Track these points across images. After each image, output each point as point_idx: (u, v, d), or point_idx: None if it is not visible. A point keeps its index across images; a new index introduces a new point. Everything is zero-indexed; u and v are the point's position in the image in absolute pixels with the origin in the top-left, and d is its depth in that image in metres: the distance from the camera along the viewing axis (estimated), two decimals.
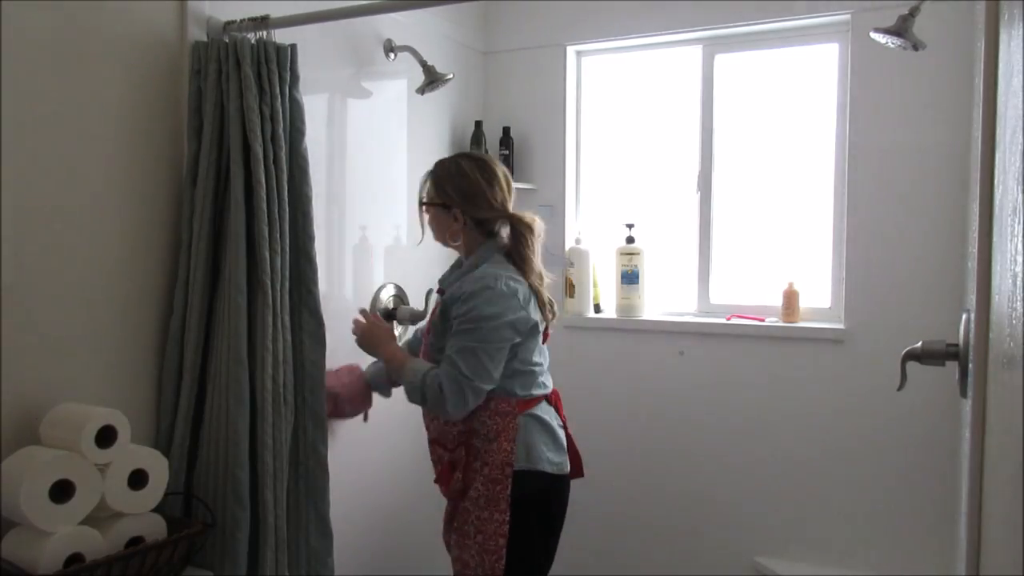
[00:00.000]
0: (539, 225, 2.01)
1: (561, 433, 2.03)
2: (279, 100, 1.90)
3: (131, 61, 1.84)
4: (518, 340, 1.91)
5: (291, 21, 1.96)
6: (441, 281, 2.10)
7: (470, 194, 1.97)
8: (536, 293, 1.98)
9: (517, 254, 1.97)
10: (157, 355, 1.92)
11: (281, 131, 1.90)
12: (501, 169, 2.03)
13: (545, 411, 2.01)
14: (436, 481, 2.04)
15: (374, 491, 2.62)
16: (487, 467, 1.91)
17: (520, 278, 1.95)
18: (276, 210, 1.89)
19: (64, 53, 1.70)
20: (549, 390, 2.05)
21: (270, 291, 1.87)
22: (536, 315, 1.95)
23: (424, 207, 2.06)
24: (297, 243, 1.97)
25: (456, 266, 2.10)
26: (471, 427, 1.95)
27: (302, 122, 1.96)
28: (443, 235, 2.04)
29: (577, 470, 2.09)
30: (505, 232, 2.01)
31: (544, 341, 2.06)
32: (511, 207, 2.01)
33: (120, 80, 1.82)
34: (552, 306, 2.04)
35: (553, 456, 1.98)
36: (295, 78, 1.95)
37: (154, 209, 1.91)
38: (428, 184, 2.05)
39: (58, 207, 1.70)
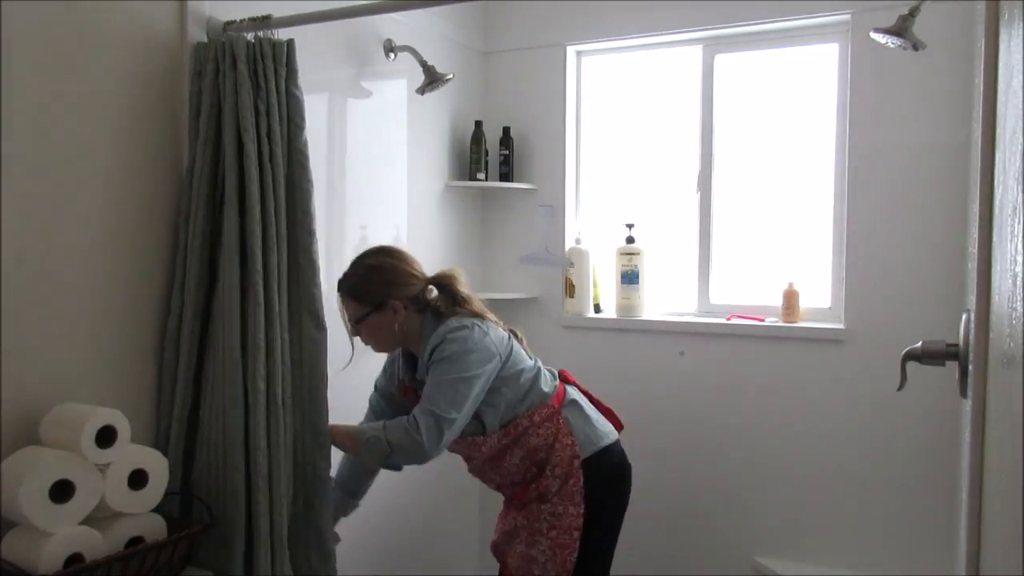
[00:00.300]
0: (457, 272, 2.06)
1: (589, 403, 2.12)
2: (275, 95, 1.87)
3: (131, 62, 1.84)
4: (501, 363, 1.95)
5: (291, 21, 1.95)
6: (407, 376, 2.09)
7: (394, 281, 1.97)
8: (490, 325, 2.01)
9: (457, 304, 1.99)
10: (157, 355, 1.92)
11: (277, 126, 1.87)
12: (393, 247, 2.08)
13: (573, 393, 2.10)
14: (499, 489, 2.12)
15: (384, 506, 2.62)
16: (558, 467, 1.98)
17: (473, 320, 1.97)
18: (271, 207, 1.85)
19: (63, 53, 1.70)
20: (557, 375, 2.13)
21: (262, 290, 1.83)
22: (504, 332, 2.01)
23: (359, 325, 1.99)
24: (297, 241, 1.92)
25: (410, 359, 2.09)
26: (527, 448, 2.00)
27: (301, 117, 1.92)
28: (390, 335, 1.99)
29: (617, 424, 2.16)
30: (432, 297, 2.03)
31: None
32: (424, 271, 2.05)
33: (120, 81, 1.82)
34: (515, 332, 2.09)
35: (603, 427, 2.08)
36: (292, 72, 1.91)
37: (154, 209, 1.91)
38: (347, 302, 2.00)
39: (58, 207, 1.70)
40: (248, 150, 1.84)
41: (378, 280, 1.97)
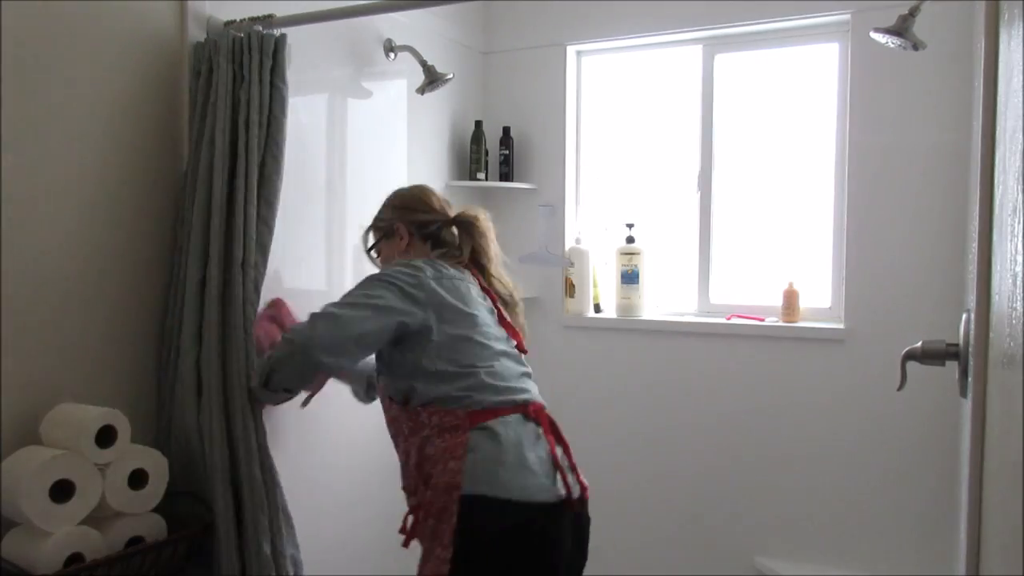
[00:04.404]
0: (484, 218, 1.90)
1: (540, 453, 1.64)
2: (257, 86, 1.84)
3: (131, 61, 1.84)
4: (412, 313, 1.66)
5: (291, 21, 1.96)
6: None
7: (406, 205, 1.92)
8: (486, 290, 1.85)
9: (463, 253, 1.85)
10: (157, 355, 1.92)
11: (256, 117, 1.84)
12: (427, 185, 1.99)
13: (509, 426, 1.64)
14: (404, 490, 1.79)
15: (376, 501, 2.61)
16: (431, 491, 1.61)
17: (448, 266, 1.78)
18: (241, 198, 1.81)
19: (63, 53, 1.70)
20: (519, 401, 1.70)
21: (218, 282, 1.80)
22: (464, 304, 1.72)
23: (372, 250, 1.96)
24: (257, 233, 1.85)
25: None
26: (423, 453, 1.67)
27: (282, 111, 1.88)
28: (389, 255, 1.92)
29: (570, 504, 1.64)
30: (451, 238, 1.92)
31: (520, 348, 1.84)
32: (450, 208, 1.94)
33: (119, 80, 1.82)
34: (514, 306, 1.88)
35: (517, 479, 1.58)
36: (278, 65, 1.88)
37: (154, 209, 1.91)
38: (367, 238, 1.98)
39: (58, 207, 1.70)
40: (217, 141, 1.81)
41: (392, 204, 1.94)
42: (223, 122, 1.85)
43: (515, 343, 1.85)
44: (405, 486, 1.77)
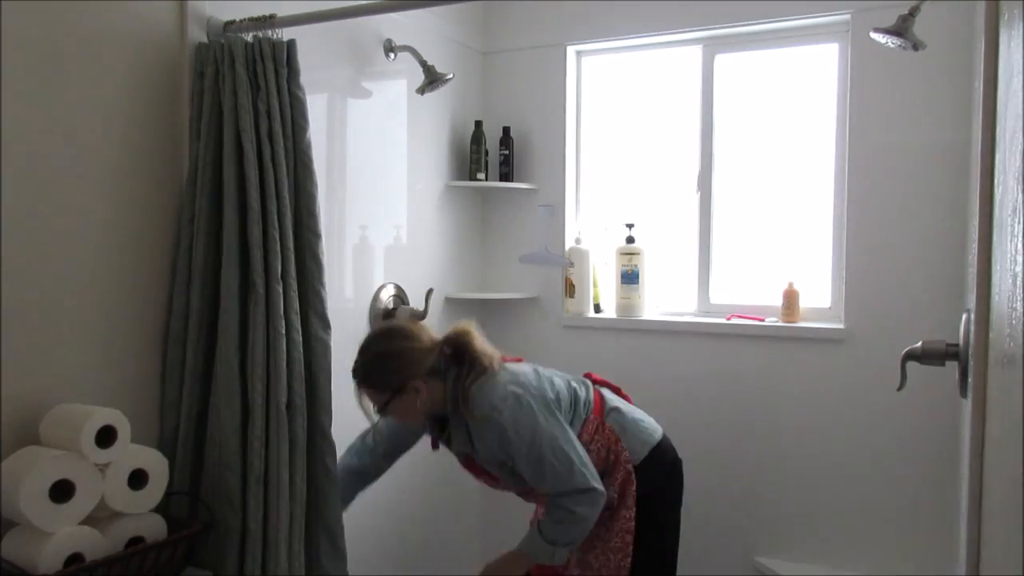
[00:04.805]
0: (469, 328, 1.95)
1: (628, 403, 2.16)
2: (275, 96, 1.87)
3: (131, 61, 1.84)
4: (558, 410, 1.93)
5: (291, 21, 1.96)
6: (459, 446, 1.99)
7: (407, 364, 1.88)
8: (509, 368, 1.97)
9: (469, 365, 1.90)
10: (159, 355, 1.92)
11: (279, 127, 1.87)
12: (401, 319, 2.01)
13: (611, 398, 2.13)
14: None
15: (393, 505, 2.62)
16: (617, 478, 1.99)
17: (500, 384, 1.89)
18: (273, 208, 1.85)
19: (63, 53, 1.70)
20: (589, 388, 2.11)
21: (263, 292, 1.84)
22: (539, 381, 1.95)
23: (385, 409, 1.92)
24: (302, 242, 1.92)
25: (441, 426, 2.02)
26: None
27: (304, 118, 1.92)
28: (418, 412, 1.92)
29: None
30: (449, 355, 1.93)
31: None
32: (434, 335, 1.95)
33: (119, 80, 1.82)
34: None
35: (648, 426, 2.10)
36: (294, 73, 1.91)
37: (155, 210, 1.91)
38: (365, 391, 1.92)
39: (58, 207, 1.70)
40: (246, 151, 1.84)
41: (390, 367, 1.88)
42: (232, 129, 1.86)
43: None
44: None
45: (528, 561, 1.94)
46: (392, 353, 1.90)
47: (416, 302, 2.70)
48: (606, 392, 2.16)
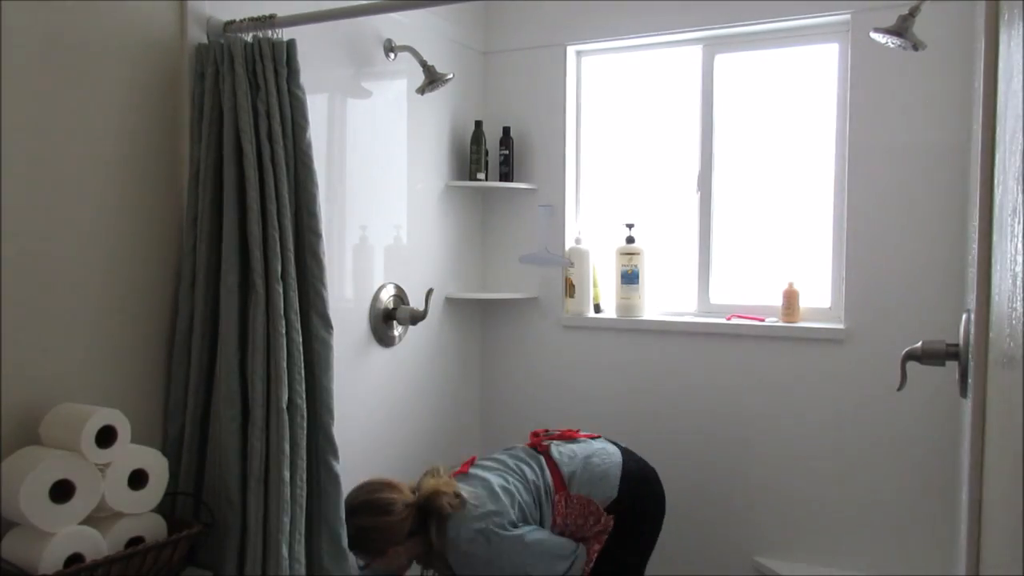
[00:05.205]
0: (438, 484, 2.11)
1: (577, 449, 2.30)
2: (275, 96, 1.87)
3: (130, 62, 1.84)
4: (523, 521, 2.12)
5: (291, 21, 1.95)
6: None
7: (384, 536, 2.08)
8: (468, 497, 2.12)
9: (437, 518, 2.10)
10: (160, 356, 1.92)
11: (279, 127, 1.87)
12: (375, 488, 2.13)
13: (565, 462, 2.25)
14: None
15: None
16: (598, 527, 2.19)
17: (466, 520, 2.07)
18: (273, 208, 1.85)
19: (63, 55, 1.70)
20: (539, 463, 2.25)
21: (263, 292, 1.84)
22: (496, 503, 2.10)
23: (370, 567, 2.15)
24: (303, 242, 1.92)
25: (428, 559, 2.20)
26: (568, 532, 2.19)
27: (304, 118, 1.92)
28: (403, 565, 2.17)
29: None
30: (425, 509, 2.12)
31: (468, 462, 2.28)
32: (410, 494, 2.13)
33: (119, 81, 1.82)
34: (449, 468, 2.24)
35: (604, 460, 2.27)
36: (293, 73, 1.91)
37: (156, 211, 1.91)
38: (359, 562, 2.15)
39: (58, 208, 1.70)
40: (246, 151, 1.84)
41: (371, 539, 2.09)
42: (231, 130, 1.85)
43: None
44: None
45: None
46: (371, 528, 2.08)
47: (416, 302, 2.70)
48: (557, 451, 2.28)
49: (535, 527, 2.14)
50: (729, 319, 2.81)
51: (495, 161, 3.07)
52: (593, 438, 2.39)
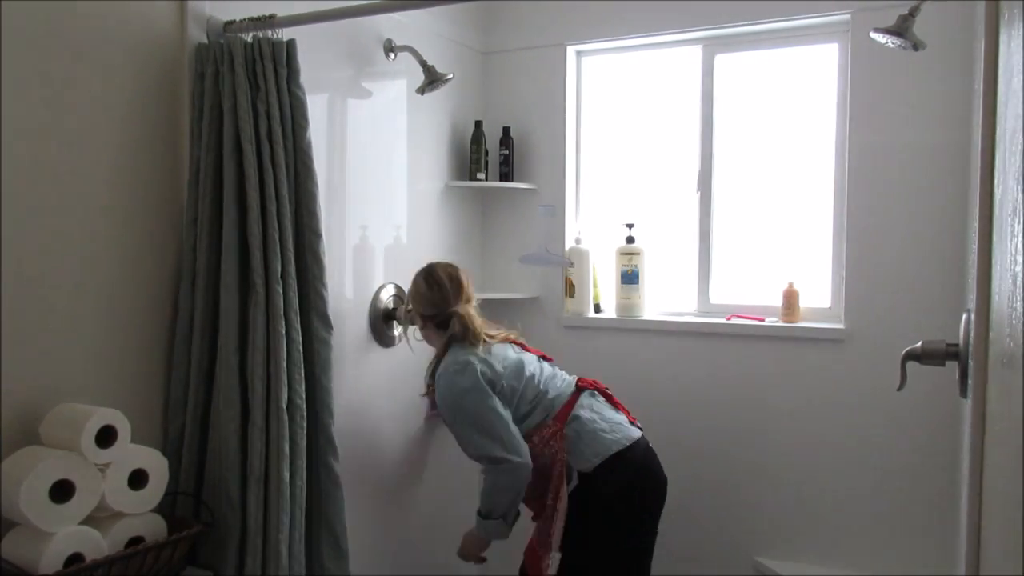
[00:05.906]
0: (470, 311, 2.27)
1: (607, 414, 2.23)
2: (275, 95, 1.87)
3: (131, 63, 1.84)
4: (497, 389, 2.15)
5: (291, 21, 1.96)
6: (428, 378, 2.36)
7: (416, 299, 2.31)
8: (493, 348, 2.24)
9: (463, 335, 2.23)
10: (161, 356, 1.92)
11: (279, 127, 1.87)
12: (449, 272, 2.28)
13: (582, 407, 2.22)
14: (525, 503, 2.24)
15: (395, 505, 2.61)
16: (551, 484, 2.14)
17: (467, 353, 2.18)
18: (273, 208, 1.85)
19: (63, 55, 1.70)
20: (568, 393, 2.25)
21: (263, 291, 1.84)
22: (498, 365, 2.19)
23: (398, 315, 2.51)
24: (303, 241, 1.92)
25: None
26: (537, 464, 2.14)
27: (304, 118, 1.92)
28: (426, 339, 2.37)
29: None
30: (455, 322, 2.24)
31: (545, 359, 2.38)
32: (461, 301, 2.27)
33: (119, 81, 1.82)
34: (517, 335, 2.38)
35: (611, 437, 2.16)
36: (293, 73, 1.91)
37: (156, 211, 1.91)
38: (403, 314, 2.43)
39: (58, 208, 1.70)
40: (246, 151, 1.84)
41: (410, 296, 2.35)
42: (231, 129, 1.85)
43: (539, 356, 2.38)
44: (528, 497, 2.23)
45: (478, 536, 2.21)
46: (415, 286, 2.32)
47: None
48: (588, 398, 2.26)
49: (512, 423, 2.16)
50: (729, 319, 2.81)
51: (495, 161, 3.06)
52: (633, 422, 2.30)
